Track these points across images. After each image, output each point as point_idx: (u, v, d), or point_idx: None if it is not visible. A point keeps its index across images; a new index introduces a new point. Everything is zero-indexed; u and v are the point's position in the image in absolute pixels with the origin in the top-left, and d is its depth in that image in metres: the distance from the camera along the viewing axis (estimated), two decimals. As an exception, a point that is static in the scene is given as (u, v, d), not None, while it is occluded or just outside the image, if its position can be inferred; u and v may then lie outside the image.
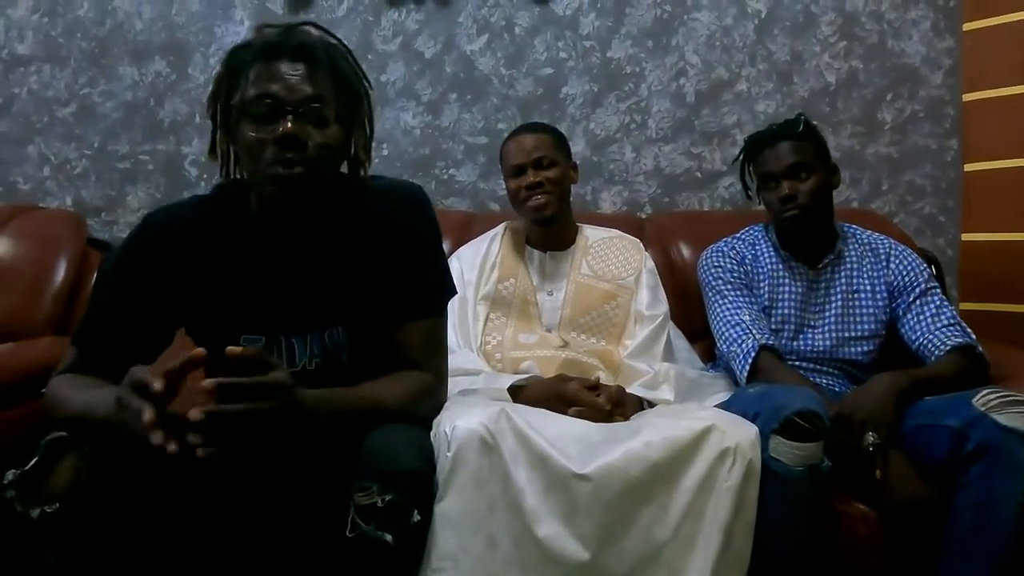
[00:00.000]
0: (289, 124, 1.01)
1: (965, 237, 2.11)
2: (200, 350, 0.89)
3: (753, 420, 1.20)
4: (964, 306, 2.09)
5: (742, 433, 1.16)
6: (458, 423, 1.13)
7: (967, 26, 2.09)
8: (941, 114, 2.14)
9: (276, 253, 1.11)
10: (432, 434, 1.16)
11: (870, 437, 1.25)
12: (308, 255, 1.12)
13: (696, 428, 1.15)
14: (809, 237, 1.62)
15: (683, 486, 1.14)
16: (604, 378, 1.52)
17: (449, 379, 1.40)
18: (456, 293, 1.26)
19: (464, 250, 1.72)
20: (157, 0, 2.16)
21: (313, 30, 1.09)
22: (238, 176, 1.12)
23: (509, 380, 1.41)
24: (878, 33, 2.13)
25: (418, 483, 1.04)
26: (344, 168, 1.15)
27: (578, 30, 2.15)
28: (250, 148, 1.03)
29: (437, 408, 1.20)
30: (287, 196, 1.04)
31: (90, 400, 1.00)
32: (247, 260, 1.11)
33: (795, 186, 1.55)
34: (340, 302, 1.11)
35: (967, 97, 2.10)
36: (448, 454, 1.11)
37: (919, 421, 1.28)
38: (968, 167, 2.10)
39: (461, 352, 1.53)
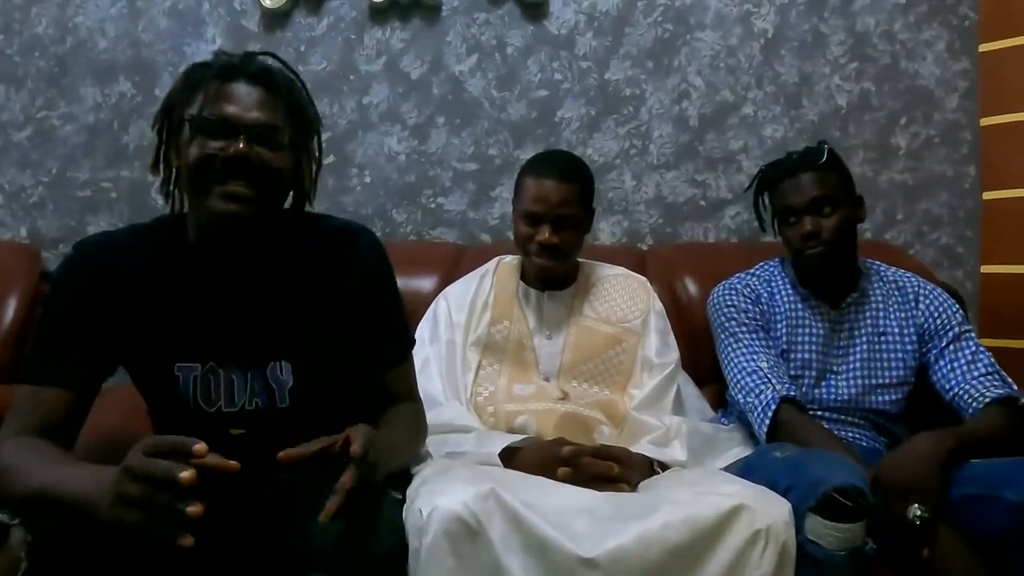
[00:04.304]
0: (241, 144, 0.98)
1: (985, 269, 2.00)
2: (203, 446, 0.79)
3: (784, 494, 1.06)
4: (983, 342, 1.96)
5: (775, 511, 1.01)
6: (437, 502, 0.98)
7: (983, 47, 1.99)
8: (958, 139, 2.03)
9: (217, 282, 1.07)
10: (404, 508, 1.02)
11: (916, 510, 1.10)
12: (251, 286, 1.08)
13: (722, 507, 1.00)
14: (831, 275, 1.48)
15: (708, 573, 0.99)
16: (608, 433, 1.38)
17: (435, 436, 1.29)
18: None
19: (452, 289, 1.57)
20: (122, 17, 2.01)
21: (271, 60, 1.07)
22: (177, 195, 1.08)
23: (502, 442, 1.25)
24: (890, 54, 2.02)
25: (385, 571, 0.93)
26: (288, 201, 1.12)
27: (574, 50, 2.02)
28: (197, 164, 0.99)
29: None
30: (231, 219, 0.99)
31: (61, 476, 0.88)
32: (186, 288, 1.06)
33: (818, 222, 1.42)
34: (287, 338, 1.08)
35: (984, 121, 1.99)
36: (424, 541, 0.96)
37: (969, 490, 1.13)
38: (987, 195, 1.99)
39: (449, 405, 1.38)
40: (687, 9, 2.01)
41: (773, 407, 1.36)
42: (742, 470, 1.24)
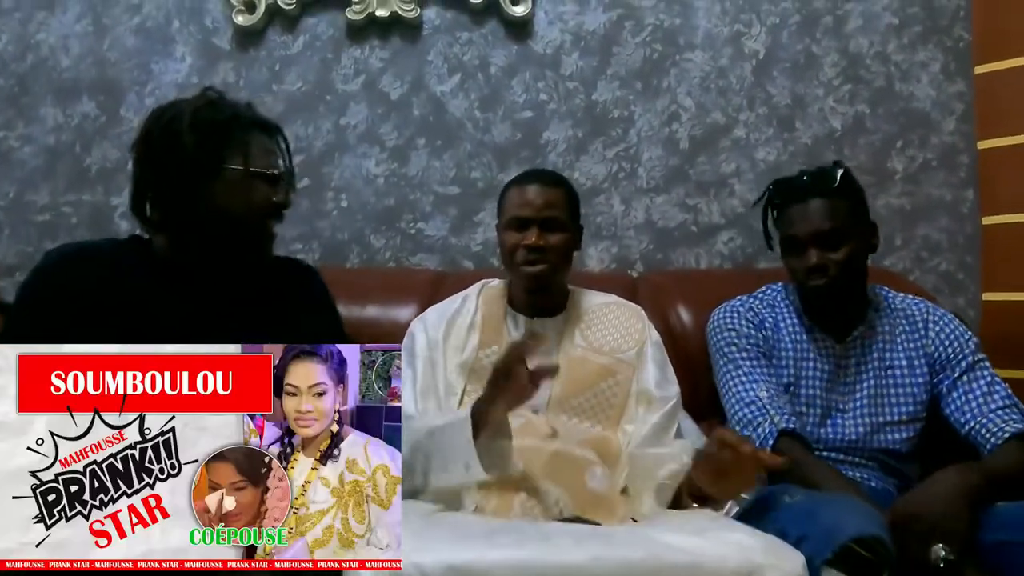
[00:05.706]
0: (281, 197, 1.19)
1: (986, 296, 1.93)
2: None
3: (796, 544, 0.95)
4: (987, 373, 1.89)
5: (787, 565, 0.90)
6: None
7: (979, 69, 1.94)
8: (955, 163, 1.97)
9: (195, 290, 1.17)
10: None
11: (940, 551, 1.00)
12: (229, 295, 1.19)
13: (729, 561, 0.89)
14: (837, 307, 1.40)
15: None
16: (600, 474, 1.28)
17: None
18: None
19: (429, 313, 1.49)
20: (87, 34, 1.93)
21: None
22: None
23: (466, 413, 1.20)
24: (885, 76, 1.97)
25: None
26: None
27: (560, 70, 1.95)
28: (248, 208, 1.17)
29: None
30: (271, 243, 1.23)
31: None
32: (163, 295, 1.15)
33: (824, 256, 1.32)
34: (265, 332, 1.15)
35: (982, 145, 1.94)
36: None
37: (1002, 536, 1.04)
38: (987, 220, 1.93)
39: (420, 414, 1.31)
40: (676, 29, 1.96)
41: (771, 442, 1.27)
42: (746, 516, 1.13)
